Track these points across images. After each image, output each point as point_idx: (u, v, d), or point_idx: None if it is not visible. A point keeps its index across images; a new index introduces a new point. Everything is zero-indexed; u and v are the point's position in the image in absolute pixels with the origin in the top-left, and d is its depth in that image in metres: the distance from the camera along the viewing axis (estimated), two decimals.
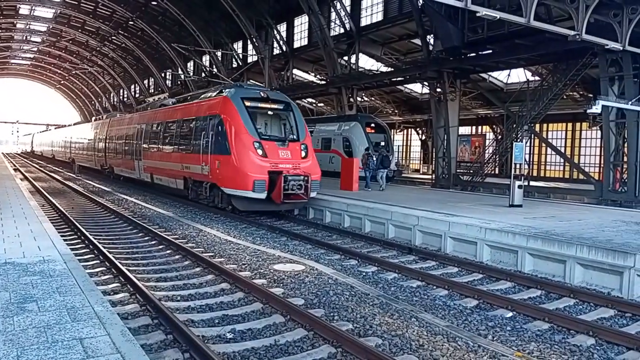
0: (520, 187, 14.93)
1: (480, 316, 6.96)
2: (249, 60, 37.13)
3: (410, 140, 49.46)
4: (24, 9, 48.27)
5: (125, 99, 64.55)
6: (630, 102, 16.97)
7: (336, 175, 21.16)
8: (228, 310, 6.86)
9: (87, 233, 11.33)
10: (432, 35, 24.59)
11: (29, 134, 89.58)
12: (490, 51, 22.44)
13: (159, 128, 20.64)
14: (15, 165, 41.06)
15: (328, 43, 29.07)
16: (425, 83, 30.17)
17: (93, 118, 40.63)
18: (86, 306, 4.88)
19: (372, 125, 27.61)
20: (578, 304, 7.65)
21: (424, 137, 45.69)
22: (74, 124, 47.38)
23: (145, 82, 58.08)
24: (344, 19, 28.44)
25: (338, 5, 28.10)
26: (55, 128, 59.79)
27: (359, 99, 34.70)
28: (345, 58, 30.50)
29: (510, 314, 7.04)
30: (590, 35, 14.74)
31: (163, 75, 51.25)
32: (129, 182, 25.67)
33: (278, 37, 33.55)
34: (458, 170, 26.11)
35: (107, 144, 28.87)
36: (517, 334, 6.33)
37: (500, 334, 6.31)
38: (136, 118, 24.46)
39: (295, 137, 15.24)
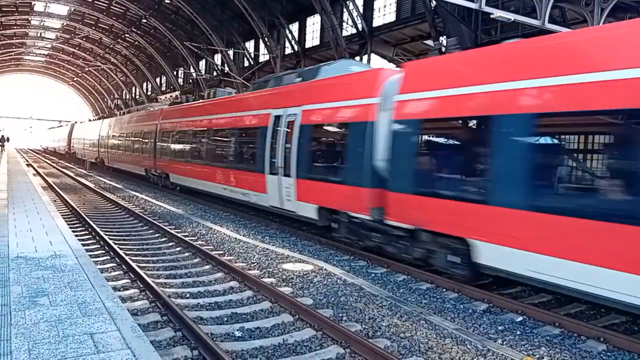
0: None
1: (489, 320, 6.91)
2: (261, 59, 37.18)
3: None
4: (38, 6, 48.78)
5: (137, 97, 64.97)
6: None
7: None
8: (237, 308, 6.88)
9: (98, 229, 11.42)
10: (445, 37, 24.47)
11: (59, 126, 69.69)
12: None
13: None
14: (27, 161, 41.45)
15: (340, 43, 29.00)
16: None
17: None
18: (97, 301, 4.91)
19: None
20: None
21: None
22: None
23: (158, 80, 58.36)
24: (356, 19, 28.38)
25: (351, 6, 28.05)
26: (134, 110, 31.43)
27: None
28: (357, 58, 30.41)
29: (520, 318, 6.98)
30: None
31: (175, 73, 51.48)
32: (141, 180, 25.82)
33: (290, 37, 33.55)
34: None
35: None
36: (527, 338, 6.28)
37: (510, 338, 6.26)
38: None
39: None
